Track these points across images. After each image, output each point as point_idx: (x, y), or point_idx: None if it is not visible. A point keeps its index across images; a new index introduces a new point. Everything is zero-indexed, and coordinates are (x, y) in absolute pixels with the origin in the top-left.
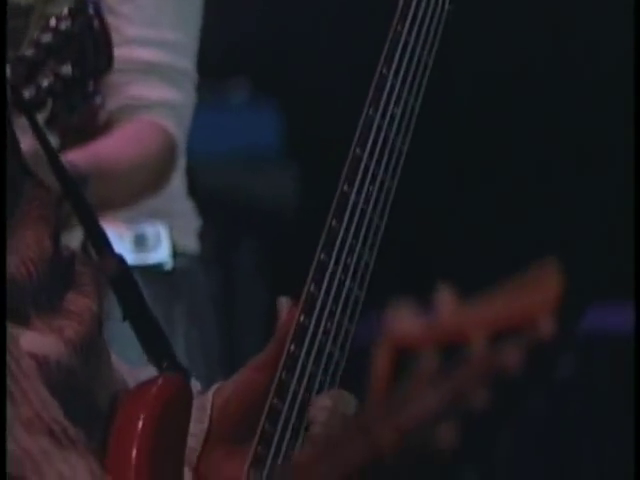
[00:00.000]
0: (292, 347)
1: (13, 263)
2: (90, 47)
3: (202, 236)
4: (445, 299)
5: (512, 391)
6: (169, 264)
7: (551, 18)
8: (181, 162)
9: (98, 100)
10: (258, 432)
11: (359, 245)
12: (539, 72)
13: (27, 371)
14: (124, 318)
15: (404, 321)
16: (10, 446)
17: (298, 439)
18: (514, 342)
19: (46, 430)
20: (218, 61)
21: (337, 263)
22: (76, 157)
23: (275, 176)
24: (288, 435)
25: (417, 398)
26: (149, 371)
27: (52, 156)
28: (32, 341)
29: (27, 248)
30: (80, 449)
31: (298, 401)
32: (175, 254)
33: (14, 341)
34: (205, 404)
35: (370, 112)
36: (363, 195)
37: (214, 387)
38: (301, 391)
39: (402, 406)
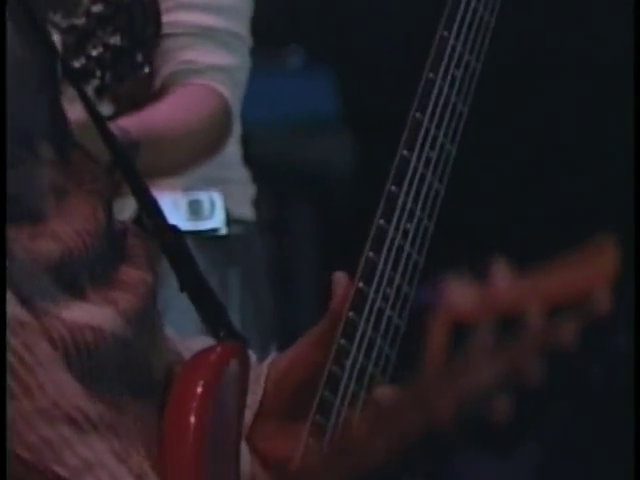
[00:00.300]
0: (351, 314)
1: (68, 235)
2: (139, 17)
3: (257, 203)
4: (501, 272)
5: (567, 364)
6: (223, 230)
7: (551, 17)
8: (236, 129)
9: (147, 70)
10: (316, 400)
11: (418, 210)
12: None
13: (43, 359)
14: (181, 288)
15: (460, 294)
16: (30, 438)
17: (357, 407)
18: (570, 315)
19: (65, 418)
20: (272, 28)
21: (396, 228)
22: (128, 123)
23: (330, 142)
24: (347, 403)
25: (473, 370)
26: (200, 341)
27: (101, 125)
28: (88, 313)
29: (84, 220)
30: (102, 431)
31: (357, 367)
32: (230, 221)
33: (30, 329)
34: (259, 376)
35: (430, 75)
36: (423, 160)
37: (269, 359)
38: (360, 357)
39: (458, 378)
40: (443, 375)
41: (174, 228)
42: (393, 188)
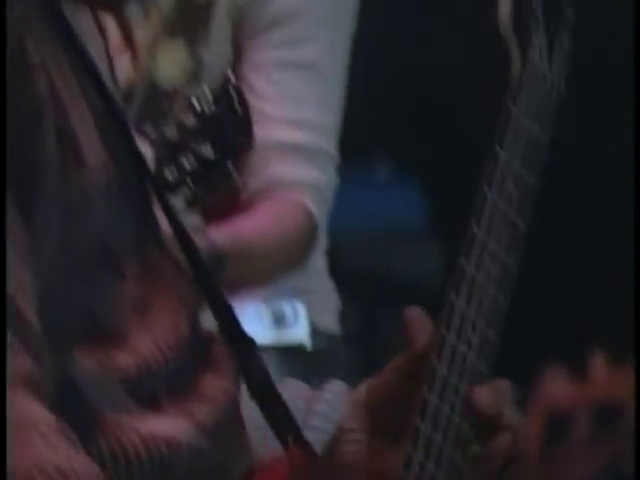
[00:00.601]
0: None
1: (147, 349)
2: (231, 128)
3: (343, 315)
4: (598, 364)
5: None
6: (308, 343)
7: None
8: (322, 242)
9: (238, 179)
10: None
11: (482, 321)
12: None
13: None
14: (251, 396)
15: (557, 386)
16: None
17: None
18: None
19: None
20: (361, 140)
21: (459, 337)
22: (215, 236)
23: (418, 254)
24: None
25: (572, 461)
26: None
27: (185, 240)
28: (163, 425)
29: (165, 332)
30: None
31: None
32: (314, 333)
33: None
34: (359, 398)
35: (485, 190)
36: (483, 271)
37: (366, 382)
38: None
39: (557, 469)
40: (542, 466)
41: (251, 341)
42: (453, 296)
